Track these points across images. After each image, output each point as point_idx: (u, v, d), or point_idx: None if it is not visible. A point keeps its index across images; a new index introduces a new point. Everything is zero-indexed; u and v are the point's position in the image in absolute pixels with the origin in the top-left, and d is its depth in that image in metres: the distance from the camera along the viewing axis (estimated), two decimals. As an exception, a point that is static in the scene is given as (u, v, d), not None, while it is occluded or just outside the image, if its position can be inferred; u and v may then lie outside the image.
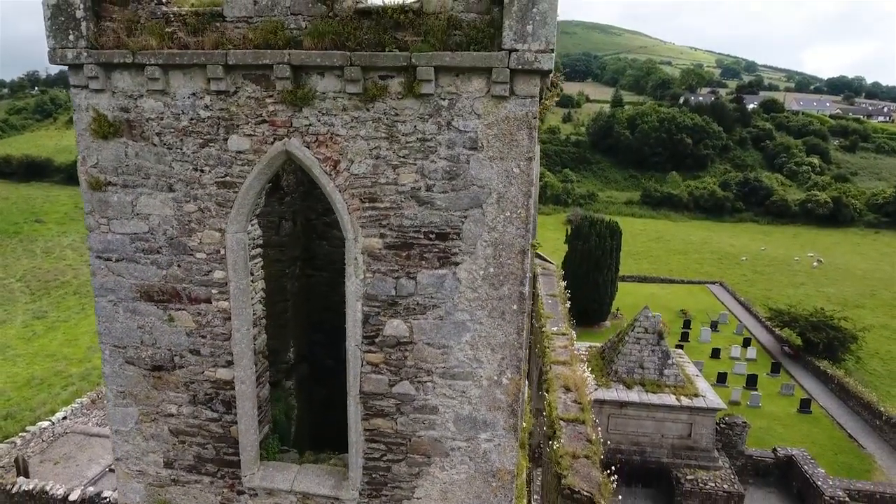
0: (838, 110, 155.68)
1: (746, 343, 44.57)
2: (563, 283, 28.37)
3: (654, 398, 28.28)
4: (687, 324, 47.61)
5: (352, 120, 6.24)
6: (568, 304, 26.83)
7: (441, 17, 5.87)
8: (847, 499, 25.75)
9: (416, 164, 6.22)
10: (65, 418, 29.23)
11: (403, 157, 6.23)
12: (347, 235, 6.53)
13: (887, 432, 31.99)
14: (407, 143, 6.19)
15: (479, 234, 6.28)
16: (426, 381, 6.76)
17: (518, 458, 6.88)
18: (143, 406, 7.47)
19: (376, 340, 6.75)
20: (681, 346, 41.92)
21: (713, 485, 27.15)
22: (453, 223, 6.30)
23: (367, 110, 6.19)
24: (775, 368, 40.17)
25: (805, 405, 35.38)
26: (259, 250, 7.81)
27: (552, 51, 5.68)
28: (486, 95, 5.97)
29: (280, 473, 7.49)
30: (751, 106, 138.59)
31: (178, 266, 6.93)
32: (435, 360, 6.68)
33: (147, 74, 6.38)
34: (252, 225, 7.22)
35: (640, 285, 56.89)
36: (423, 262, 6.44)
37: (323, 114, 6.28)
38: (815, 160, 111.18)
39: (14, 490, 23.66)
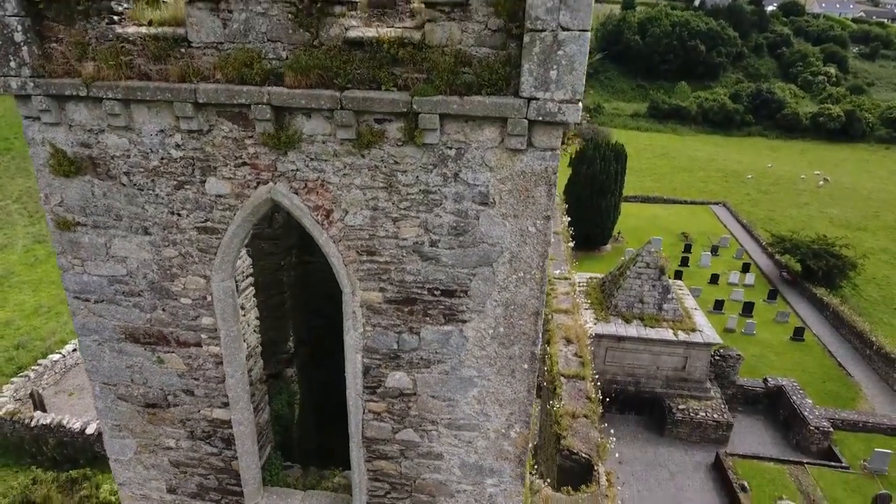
0: (861, 13, 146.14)
1: (746, 268, 44.78)
2: (567, 219, 27.83)
3: (652, 333, 28.70)
4: (688, 248, 47.59)
5: (345, 167, 5.45)
6: (571, 244, 26.47)
7: (448, 53, 4.92)
8: (831, 428, 26.88)
9: (418, 218, 5.53)
10: (74, 350, 29.79)
11: (405, 209, 5.51)
12: (344, 289, 5.96)
13: (876, 361, 32.86)
14: (408, 194, 5.45)
15: (489, 293, 5.71)
16: (431, 431, 6.49)
17: (524, 498, 6.78)
18: (140, 438, 7.27)
19: (378, 391, 6.40)
20: (680, 272, 42.14)
21: (703, 414, 28.27)
22: (460, 280, 5.71)
23: (362, 157, 5.39)
24: (772, 295, 40.60)
25: (798, 333, 36.07)
26: (250, 279, 7.26)
27: (579, 101, 4.80)
28: (500, 146, 5.15)
29: (284, 502, 7.45)
30: (770, 8, 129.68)
31: (163, 310, 6.42)
32: (440, 411, 6.37)
33: (106, 109, 5.49)
34: (240, 259, 6.63)
35: (642, 206, 56.21)
36: (428, 318, 5.93)
37: (311, 158, 5.47)
38: (832, 69, 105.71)
39: (33, 424, 24.60)
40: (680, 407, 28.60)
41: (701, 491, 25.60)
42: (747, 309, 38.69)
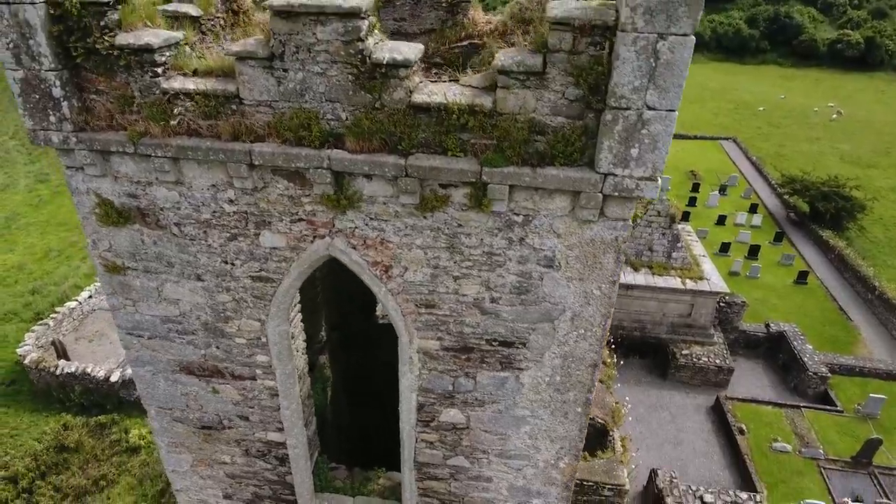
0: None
1: (753, 209, 44.63)
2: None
3: (660, 281, 29.04)
4: (696, 187, 47.18)
5: (406, 227, 5.30)
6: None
7: (520, 121, 4.64)
8: (828, 373, 27.87)
9: (480, 277, 5.44)
10: (90, 297, 30.21)
11: (467, 268, 5.42)
12: (401, 336, 5.97)
13: (877, 306, 33.50)
14: (471, 255, 5.34)
15: (548, 345, 5.74)
16: (481, 458, 6.74)
17: (568, 518, 7.16)
18: (196, 454, 7.55)
19: (431, 424, 6.58)
20: (688, 213, 42.04)
21: (706, 359, 29.18)
22: (519, 334, 5.72)
23: (425, 218, 5.23)
24: (778, 237, 40.73)
25: (802, 277, 36.51)
26: (298, 307, 7.25)
27: (658, 178, 4.60)
28: (570, 215, 4.98)
29: (335, 509, 7.86)
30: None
31: (217, 348, 6.47)
32: (491, 444, 6.58)
33: (155, 165, 5.26)
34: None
35: (651, 142, 55.02)
36: (484, 365, 5.99)
37: (371, 218, 5.31)
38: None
39: (58, 372, 25.39)
40: (683, 352, 29.45)
41: (700, 432, 26.89)
42: (753, 252, 38.96)
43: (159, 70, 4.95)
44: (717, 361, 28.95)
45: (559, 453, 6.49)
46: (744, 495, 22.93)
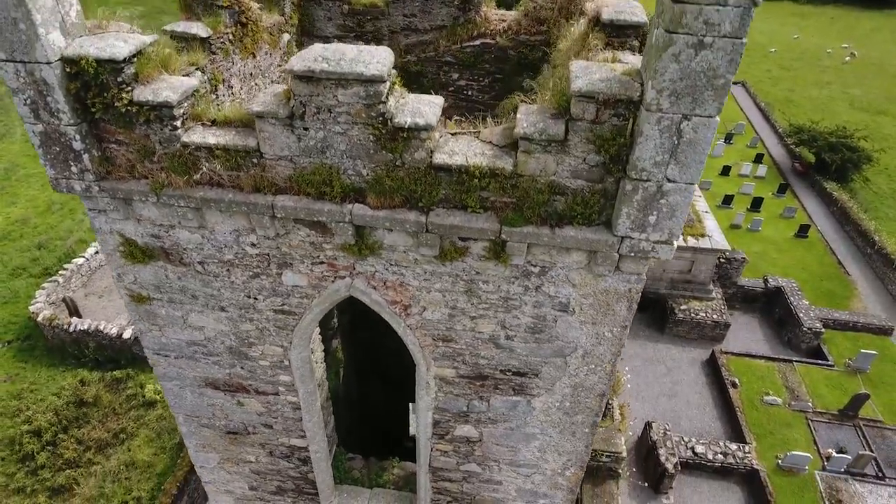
0: None
1: (759, 159, 44.17)
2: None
3: (661, 239, 29.20)
4: (702, 136, 46.41)
5: (425, 273, 5.44)
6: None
7: (540, 182, 4.69)
8: (822, 329, 28.62)
9: (496, 318, 5.64)
10: (96, 252, 30.49)
11: (483, 310, 5.61)
12: (419, 365, 6.24)
13: (875, 260, 33.89)
14: (488, 299, 5.51)
15: (559, 377, 6.02)
16: (492, 466, 7.19)
17: (571, 515, 7.70)
18: (222, 454, 8.02)
19: (446, 437, 6.97)
20: (692, 165, 41.56)
21: (703, 315, 29.85)
22: (532, 366, 5.98)
23: (444, 265, 5.36)
24: (782, 189, 40.57)
25: (803, 230, 36.70)
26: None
27: (674, 242, 4.70)
28: (585, 268, 5.12)
29: (354, 500, 8.42)
30: None
31: (242, 368, 6.76)
32: (502, 455, 7.00)
33: (178, 212, 5.33)
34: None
35: (658, 87, 53.63)
36: (497, 391, 6.30)
37: (391, 264, 5.45)
38: None
39: (72, 329, 26.04)
40: (682, 307, 30.06)
41: (694, 385, 27.92)
42: (756, 204, 38.94)
43: (178, 123, 4.94)
44: (715, 317, 29.62)
45: (566, 464, 6.93)
46: (733, 446, 24.13)
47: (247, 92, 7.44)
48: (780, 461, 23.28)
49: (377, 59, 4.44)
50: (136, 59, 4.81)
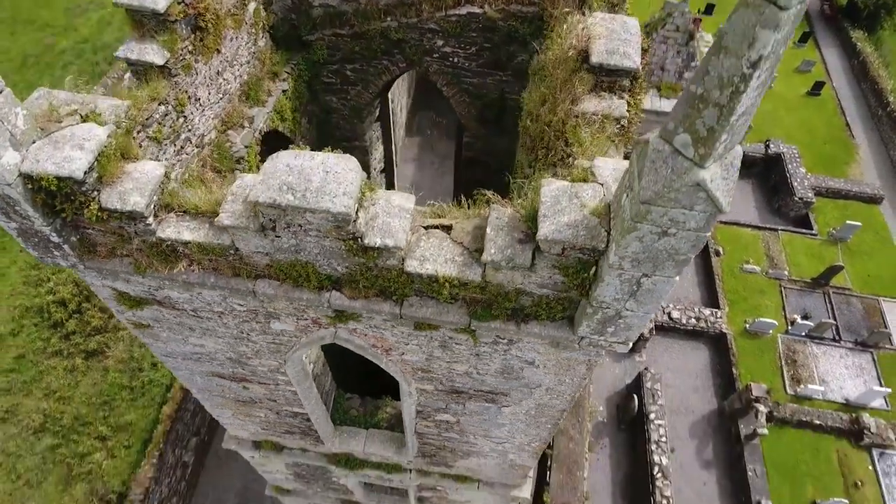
0: None
1: None
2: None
3: (666, 105, 28.15)
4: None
5: (402, 334, 5.85)
6: None
7: (508, 289, 4.89)
8: (813, 198, 29.02)
9: (469, 362, 6.19)
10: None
11: (457, 358, 6.13)
12: (402, 384, 6.94)
13: (884, 123, 32.98)
14: (461, 353, 6.00)
15: (525, 398, 6.76)
16: (469, 436, 8.32)
17: (534, 465, 9.06)
18: (234, 411, 9.17)
19: (427, 420, 7.98)
20: (711, 6, 38.24)
21: (699, 183, 29.96)
22: (502, 390, 6.69)
23: (419, 332, 5.75)
24: (804, 38, 37.76)
25: (817, 87, 35.10)
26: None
27: (630, 343, 5.05)
28: (549, 345, 5.51)
29: (353, 439, 9.81)
30: None
31: (243, 369, 7.49)
32: (477, 431, 8.08)
33: (164, 284, 5.56)
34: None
35: None
36: (472, 400, 7.11)
37: (371, 326, 5.82)
38: None
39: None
40: (678, 174, 30.07)
41: (679, 252, 29.18)
42: (774, 57, 36.52)
43: (150, 220, 4.95)
44: (709, 185, 29.71)
45: (532, 440, 8.03)
46: (707, 311, 26.14)
47: (216, 94, 7.00)
48: (748, 326, 25.32)
49: (344, 188, 4.35)
50: (97, 163, 4.66)
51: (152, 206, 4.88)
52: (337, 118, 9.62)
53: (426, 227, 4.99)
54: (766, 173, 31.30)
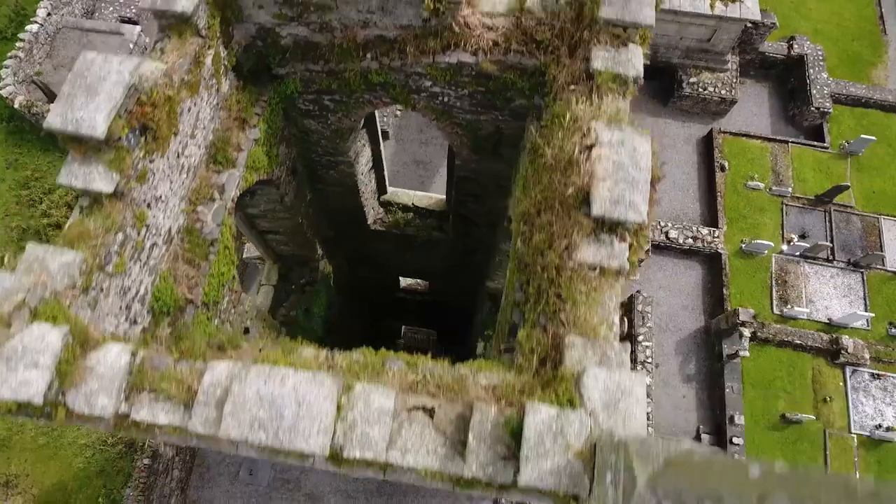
0: None
1: None
2: None
3: (686, 4, 25.54)
4: None
5: None
6: None
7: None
8: (830, 108, 27.44)
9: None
10: (49, 14, 27.02)
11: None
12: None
13: (923, 15, 30.13)
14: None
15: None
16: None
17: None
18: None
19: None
20: None
21: (711, 89, 28.11)
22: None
23: None
24: None
25: (858, -31, 31.48)
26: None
27: None
28: None
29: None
30: None
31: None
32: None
33: (148, 432, 5.56)
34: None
35: None
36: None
37: None
38: None
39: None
40: (691, 80, 28.17)
41: (684, 165, 28.29)
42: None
43: (123, 405, 4.81)
44: (722, 92, 27.94)
45: None
46: (704, 230, 26.18)
47: (180, 177, 6.32)
48: (743, 246, 25.43)
49: (318, 424, 4.17)
50: (56, 372, 4.41)
51: (121, 404, 4.71)
52: (318, 137, 8.64)
53: (409, 411, 4.85)
54: (785, 76, 29.21)
